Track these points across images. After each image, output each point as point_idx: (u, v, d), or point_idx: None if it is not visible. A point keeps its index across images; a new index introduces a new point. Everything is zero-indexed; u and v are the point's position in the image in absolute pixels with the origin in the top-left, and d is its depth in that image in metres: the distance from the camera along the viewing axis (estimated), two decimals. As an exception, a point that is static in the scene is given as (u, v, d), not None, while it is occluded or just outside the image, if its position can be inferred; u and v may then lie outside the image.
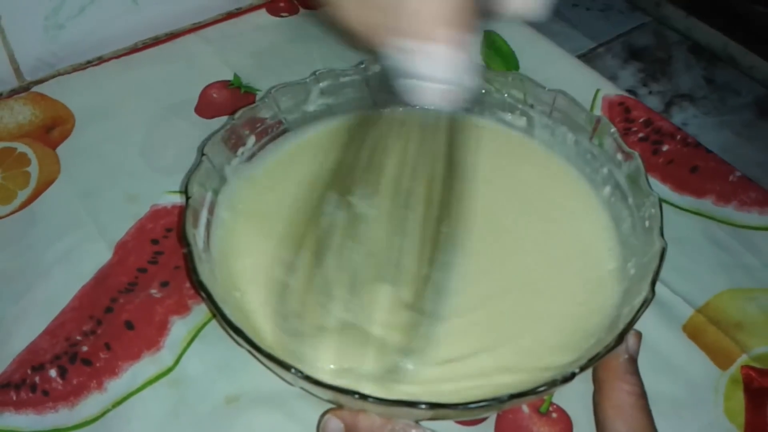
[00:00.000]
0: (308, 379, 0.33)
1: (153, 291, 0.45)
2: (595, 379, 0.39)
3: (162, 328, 0.43)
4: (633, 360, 0.38)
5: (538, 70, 0.52)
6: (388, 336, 0.39)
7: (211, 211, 0.43)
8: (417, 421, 0.36)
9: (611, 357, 0.34)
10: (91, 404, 0.41)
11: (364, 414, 0.36)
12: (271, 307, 0.40)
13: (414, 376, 0.38)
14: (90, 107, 0.56)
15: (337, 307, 0.39)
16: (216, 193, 0.44)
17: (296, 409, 0.40)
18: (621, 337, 0.34)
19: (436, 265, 0.39)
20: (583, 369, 0.33)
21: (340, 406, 0.37)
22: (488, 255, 0.43)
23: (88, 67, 0.60)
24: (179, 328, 0.44)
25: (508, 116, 0.50)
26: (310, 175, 0.44)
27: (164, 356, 0.43)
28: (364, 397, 0.32)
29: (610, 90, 0.58)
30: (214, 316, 0.44)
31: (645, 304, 0.35)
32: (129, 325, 0.43)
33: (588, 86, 0.58)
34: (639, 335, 0.39)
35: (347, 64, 0.49)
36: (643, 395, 0.37)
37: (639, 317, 0.35)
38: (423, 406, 0.32)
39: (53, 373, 0.41)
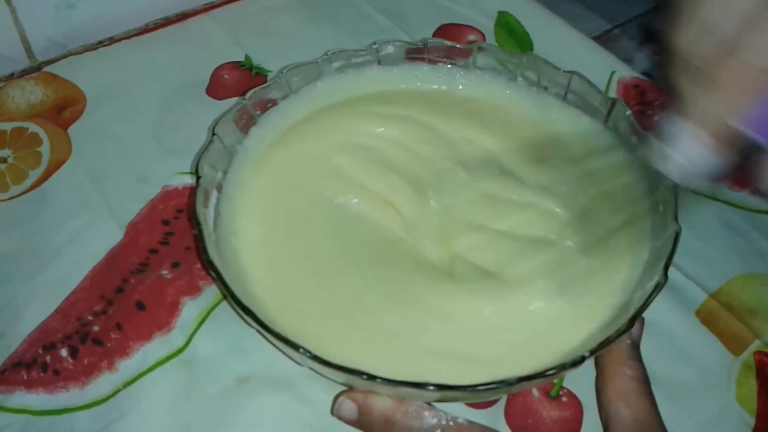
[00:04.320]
0: (317, 359, 0.33)
1: (164, 272, 0.45)
2: (598, 365, 0.39)
3: (173, 309, 0.44)
4: (635, 345, 0.38)
5: (553, 52, 0.52)
6: None
7: (220, 191, 0.43)
8: (429, 403, 0.36)
9: (614, 343, 0.34)
10: (101, 384, 0.41)
11: (377, 397, 0.36)
12: None
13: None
14: (101, 88, 0.56)
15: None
16: (226, 173, 0.44)
17: (307, 391, 0.40)
18: (632, 321, 0.34)
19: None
20: (593, 353, 0.33)
21: (351, 388, 0.37)
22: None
23: (99, 48, 0.59)
24: (190, 309, 0.44)
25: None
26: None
27: (175, 337, 0.43)
28: (372, 377, 0.32)
29: (625, 72, 0.58)
30: (224, 296, 0.44)
31: (657, 288, 0.35)
32: (140, 306, 0.43)
33: (603, 68, 0.58)
34: (642, 321, 0.39)
35: (359, 45, 0.49)
36: (645, 380, 0.37)
37: (651, 301, 0.35)
38: (431, 388, 0.32)
39: (64, 352, 0.42)
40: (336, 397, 0.38)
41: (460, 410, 0.40)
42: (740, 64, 0.28)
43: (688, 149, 0.31)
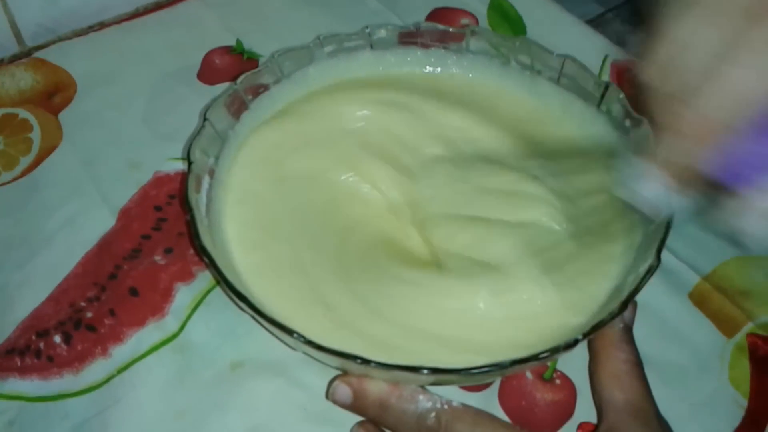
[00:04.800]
0: (310, 343, 0.33)
1: (157, 258, 0.45)
2: (591, 349, 0.39)
3: (166, 295, 0.43)
4: (628, 329, 0.38)
5: (546, 36, 0.51)
6: None
7: (212, 177, 0.42)
8: (424, 387, 0.36)
9: (606, 327, 0.34)
10: (95, 370, 0.41)
11: (372, 380, 0.36)
12: None
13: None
14: (91, 73, 0.55)
15: None
16: (218, 158, 0.43)
17: (302, 375, 0.40)
18: (625, 304, 0.34)
19: None
20: (586, 335, 0.33)
21: (346, 373, 0.37)
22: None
23: (89, 33, 0.59)
24: (184, 295, 0.44)
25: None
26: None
27: (169, 323, 0.43)
28: (366, 361, 0.32)
29: (618, 56, 0.57)
30: (217, 282, 0.44)
31: (650, 271, 0.35)
32: (133, 292, 0.43)
33: (596, 52, 0.57)
34: (635, 305, 0.39)
35: (352, 29, 0.48)
36: (638, 363, 0.37)
37: (644, 285, 0.35)
38: (425, 371, 0.32)
39: (57, 339, 0.42)
40: (330, 382, 0.38)
41: (454, 394, 0.40)
42: (696, 114, 0.28)
43: (651, 188, 0.32)
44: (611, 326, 0.37)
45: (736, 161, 0.28)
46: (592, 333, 0.34)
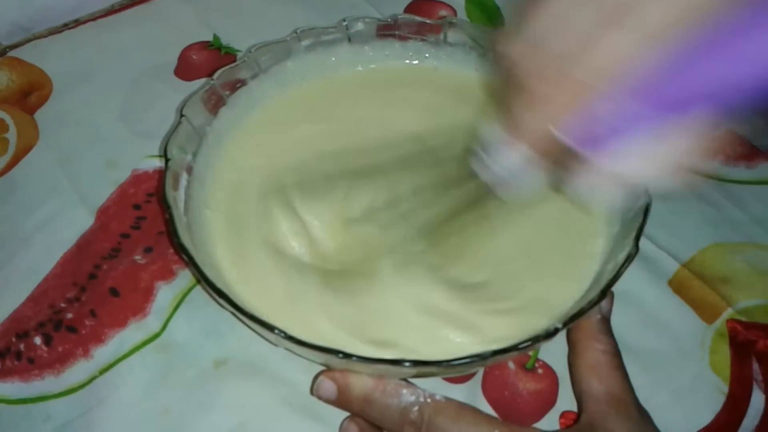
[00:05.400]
0: (291, 339, 0.33)
1: (137, 257, 0.45)
2: (570, 341, 0.39)
3: (147, 294, 0.43)
4: (606, 320, 0.39)
5: (523, 26, 0.51)
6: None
7: (190, 173, 0.42)
8: (407, 380, 0.36)
9: (584, 318, 0.34)
10: (77, 371, 0.41)
11: (356, 375, 0.36)
12: None
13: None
14: (67, 71, 0.55)
15: None
16: (195, 155, 0.43)
17: (286, 371, 0.40)
18: (604, 292, 0.34)
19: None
20: (565, 325, 0.33)
21: (329, 368, 0.37)
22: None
23: (64, 30, 0.58)
24: (165, 294, 0.43)
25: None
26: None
27: (151, 322, 0.42)
28: (347, 356, 0.32)
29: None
30: (197, 280, 0.43)
31: (629, 259, 0.35)
32: (114, 292, 0.43)
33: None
34: (611, 295, 0.39)
35: (331, 23, 0.48)
36: (617, 354, 0.37)
37: (622, 273, 0.35)
38: (406, 364, 0.32)
39: (38, 340, 0.41)
40: (315, 377, 0.38)
41: (438, 385, 0.40)
42: (565, 79, 0.29)
43: (505, 159, 0.32)
44: (588, 317, 0.37)
45: (596, 126, 0.29)
46: (572, 322, 0.34)
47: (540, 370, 0.41)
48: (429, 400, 0.35)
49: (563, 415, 0.39)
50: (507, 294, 0.39)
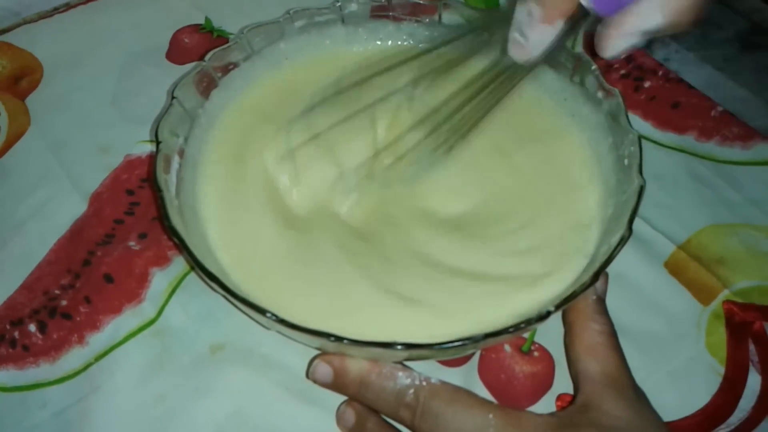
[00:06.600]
0: (283, 322, 0.32)
1: (131, 243, 0.44)
2: (565, 322, 0.39)
3: (142, 281, 0.43)
4: (601, 300, 0.39)
5: (519, 7, 0.51)
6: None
7: (182, 156, 0.42)
8: (404, 364, 0.36)
9: (580, 299, 0.34)
10: (72, 358, 0.40)
11: (351, 359, 0.36)
12: None
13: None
14: (58, 56, 0.54)
15: None
16: (187, 138, 0.43)
17: (282, 356, 0.40)
18: (597, 276, 0.34)
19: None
20: (558, 307, 0.33)
21: (325, 351, 0.37)
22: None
23: (54, 15, 0.58)
24: (160, 280, 0.43)
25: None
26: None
27: (146, 308, 0.42)
28: (339, 339, 0.32)
29: (591, 27, 0.57)
30: (191, 266, 0.43)
31: (622, 242, 0.35)
32: (108, 278, 0.43)
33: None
34: (606, 276, 0.39)
35: (323, 3, 0.48)
36: (613, 334, 0.37)
37: (616, 255, 0.35)
38: (399, 347, 0.32)
39: (32, 327, 0.41)
40: (311, 361, 0.38)
41: (434, 369, 0.40)
42: None
43: (523, 24, 0.35)
44: (584, 298, 0.37)
45: None
46: (565, 304, 0.34)
47: (536, 353, 0.41)
48: (424, 383, 0.35)
49: (559, 397, 0.39)
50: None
